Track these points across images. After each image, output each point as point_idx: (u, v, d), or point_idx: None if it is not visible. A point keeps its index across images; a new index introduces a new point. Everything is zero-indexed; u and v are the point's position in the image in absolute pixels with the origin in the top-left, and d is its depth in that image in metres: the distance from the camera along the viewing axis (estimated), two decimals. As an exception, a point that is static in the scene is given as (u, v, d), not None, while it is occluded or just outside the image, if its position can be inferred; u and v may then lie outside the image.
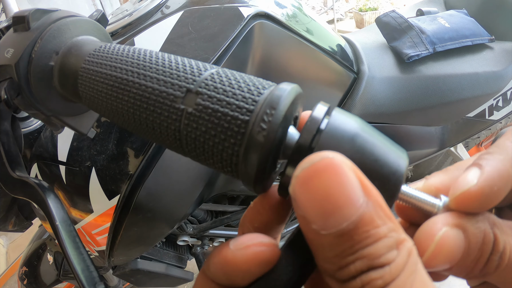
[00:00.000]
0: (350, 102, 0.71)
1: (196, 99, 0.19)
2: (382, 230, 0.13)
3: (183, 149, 0.20)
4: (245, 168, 0.18)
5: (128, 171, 0.45)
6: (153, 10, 0.58)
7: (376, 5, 4.04)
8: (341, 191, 0.13)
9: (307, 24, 0.63)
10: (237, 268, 0.16)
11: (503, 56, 0.91)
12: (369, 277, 0.13)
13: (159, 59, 0.23)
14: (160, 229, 0.59)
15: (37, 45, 0.30)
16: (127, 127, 0.24)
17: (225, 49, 0.47)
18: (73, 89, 0.28)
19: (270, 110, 0.17)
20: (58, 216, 0.31)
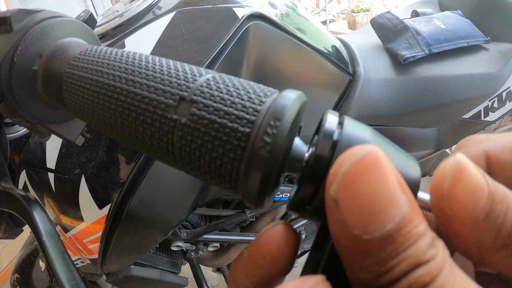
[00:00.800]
0: (346, 105, 0.70)
1: (190, 109, 0.17)
2: (421, 229, 0.13)
3: (177, 163, 0.18)
4: (246, 186, 0.16)
5: (119, 179, 0.43)
6: (145, 11, 0.56)
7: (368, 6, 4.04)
8: (387, 190, 0.12)
9: (301, 25, 0.61)
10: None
11: (499, 57, 0.90)
12: (416, 275, 0.12)
13: (149, 63, 0.21)
14: (153, 237, 0.57)
15: (20, 48, 0.28)
16: (115, 137, 0.22)
17: (219, 51, 0.45)
18: (58, 96, 0.26)
19: (274, 122, 0.15)
20: (44, 231, 0.29)
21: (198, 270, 0.97)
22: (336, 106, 0.70)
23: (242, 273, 0.17)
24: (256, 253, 0.16)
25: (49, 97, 0.28)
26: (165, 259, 0.95)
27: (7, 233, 0.77)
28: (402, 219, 0.12)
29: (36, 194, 0.55)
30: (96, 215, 0.46)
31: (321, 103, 0.68)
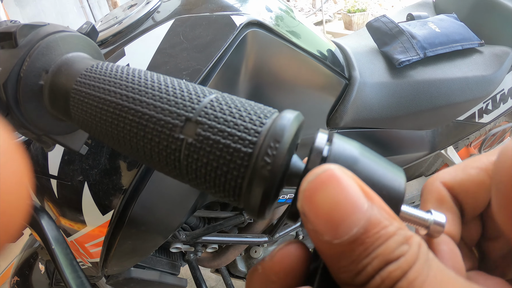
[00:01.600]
0: (342, 108, 0.71)
1: (196, 129, 0.18)
2: (391, 229, 0.14)
3: (183, 178, 0.20)
4: (248, 200, 0.17)
5: (122, 186, 0.44)
6: (144, 18, 0.57)
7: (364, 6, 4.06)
8: (346, 199, 0.14)
9: (297, 30, 0.62)
10: None
11: (493, 60, 0.92)
12: (387, 271, 0.13)
13: (155, 83, 0.22)
14: (154, 241, 0.58)
15: (26, 63, 0.29)
16: (122, 152, 0.23)
17: (218, 59, 0.46)
18: (64, 110, 0.27)
19: (274, 143, 0.17)
20: (53, 239, 0.30)
21: (197, 271, 0.98)
22: (333, 109, 0.72)
23: (257, 286, 0.18)
24: (270, 270, 0.17)
25: (56, 111, 0.29)
26: (164, 261, 0.96)
27: None
28: (367, 223, 0.14)
29: (37, 199, 0.56)
30: (99, 221, 0.47)
31: (318, 107, 0.69)
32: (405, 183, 0.17)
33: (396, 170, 0.17)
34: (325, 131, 0.18)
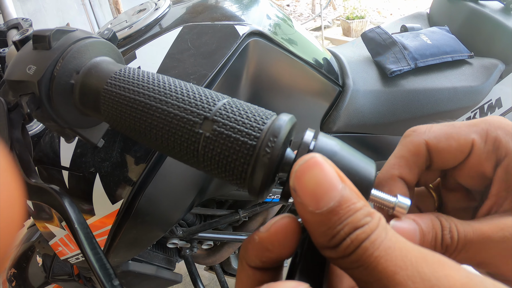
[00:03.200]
0: (335, 114, 0.76)
1: (212, 126, 0.24)
2: (358, 205, 0.18)
3: (199, 165, 0.25)
4: (251, 182, 0.22)
5: (132, 178, 0.49)
6: (152, 23, 0.62)
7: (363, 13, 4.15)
8: (326, 180, 0.18)
9: (295, 39, 0.68)
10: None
11: (481, 71, 0.98)
12: (355, 234, 0.18)
13: (177, 87, 0.27)
14: (155, 232, 0.63)
15: (59, 64, 0.33)
16: (146, 144, 0.28)
17: (222, 65, 0.51)
18: (94, 107, 0.32)
19: (272, 138, 0.22)
20: (76, 219, 0.35)
21: (193, 266, 1.03)
22: (326, 114, 0.77)
23: (253, 254, 0.21)
24: (266, 240, 0.21)
25: (84, 107, 0.34)
26: (160, 256, 1.00)
27: None
28: (341, 199, 0.18)
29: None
30: (108, 210, 0.52)
31: (312, 112, 0.74)
32: (375, 173, 0.23)
33: (368, 162, 0.23)
34: (312, 130, 0.23)
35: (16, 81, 0.35)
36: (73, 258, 0.77)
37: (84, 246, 0.34)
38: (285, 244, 0.21)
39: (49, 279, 1.13)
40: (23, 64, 0.35)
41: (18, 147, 0.42)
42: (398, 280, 0.16)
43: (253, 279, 0.21)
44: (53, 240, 0.73)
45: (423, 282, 0.15)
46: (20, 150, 0.42)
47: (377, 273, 0.16)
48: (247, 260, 0.22)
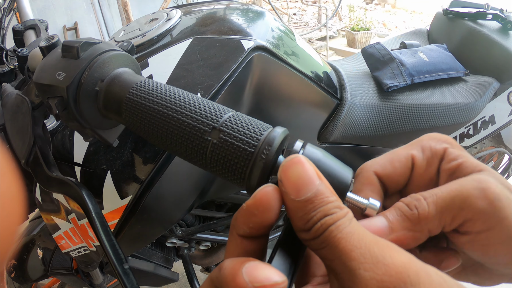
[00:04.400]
0: (332, 125, 0.82)
1: (219, 134, 0.29)
2: (330, 199, 0.23)
3: (206, 166, 0.30)
4: (249, 182, 0.28)
5: (140, 177, 0.55)
6: (164, 33, 0.67)
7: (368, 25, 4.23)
8: (306, 175, 0.23)
9: (297, 53, 0.74)
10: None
11: (476, 89, 1.03)
12: (325, 220, 0.22)
13: (190, 100, 0.33)
14: (158, 229, 0.68)
15: (86, 72, 0.39)
16: (161, 146, 0.34)
17: (228, 77, 0.57)
18: (116, 112, 0.38)
19: (267, 147, 0.27)
20: (93, 209, 0.40)
21: (190, 266, 1.08)
22: (324, 125, 0.83)
23: (241, 221, 0.25)
24: (252, 206, 0.24)
25: (107, 111, 0.39)
26: (159, 255, 1.05)
27: None
28: (317, 191, 0.23)
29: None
30: (116, 205, 0.57)
31: (310, 123, 0.80)
32: (351, 178, 0.28)
33: (346, 170, 0.28)
34: (302, 141, 0.28)
35: (46, 85, 0.40)
36: (75, 252, 0.82)
37: (100, 233, 0.39)
38: (269, 208, 0.24)
39: (48, 272, 1.17)
40: (52, 70, 0.40)
41: (39, 143, 0.48)
42: (352, 256, 0.20)
43: (241, 247, 0.25)
44: (58, 233, 0.78)
45: (371, 258, 0.20)
46: (41, 145, 0.48)
47: (338, 251, 0.21)
48: (236, 229, 0.25)
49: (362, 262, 0.20)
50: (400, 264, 0.20)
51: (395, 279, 0.19)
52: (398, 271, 0.19)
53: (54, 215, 0.73)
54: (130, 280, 0.37)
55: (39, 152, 0.47)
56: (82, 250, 0.80)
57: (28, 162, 0.46)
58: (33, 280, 1.22)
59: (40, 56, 0.53)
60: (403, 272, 0.19)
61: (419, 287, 0.19)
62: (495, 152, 1.41)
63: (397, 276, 0.19)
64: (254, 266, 0.21)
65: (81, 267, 1.15)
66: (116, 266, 0.37)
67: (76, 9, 3.00)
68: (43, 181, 0.46)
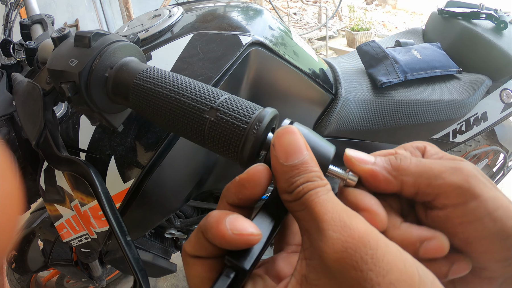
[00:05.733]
0: (327, 119, 0.86)
1: (216, 113, 0.34)
2: (314, 169, 0.26)
3: (204, 142, 0.35)
4: (241, 155, 0.32)
5: (143, 161, 0.59)
6: (166, 29, 0.72)
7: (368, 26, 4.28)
8: (296, 144, 0.26)
9: (293, 49, 0.78)
10: (230, 245, 0.24)
11: (468, 86, 1.08)
12: (306, 185, 0.25)
13: (191, 84, 0.37)
14: (157, 216, 0.73)
15: (97, 60, 0.43)
16: (165, 126, 0.38)
17: (226, 70, 0.61)
18: (123, 96, 0.42)
19: (258, 123, 0.32)
20: (99, 185, 0.44)
21: (187, 257, 1.11)
22: (318, 120, 0.87)
23: (232, 192, 0.28)
24: (244, 179, 0.28)
25: (115, 96, 0.44)
26: (158, 245, 1.10)
27: None
28: (303, 160, 0.26)
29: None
30: (119, 189, 0.61)
31: (305, 116, 0.84)
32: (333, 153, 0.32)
33: (329, 146, 0.32)
34: (289, 119, 0.33)
35: (60, 71, 0.44)
36: (76, 241, 0.86)
37: (105, 207, 0.43)
38: (258, 184, 0.28)
39: (48, 263, 1.20)
40: (65, 58, 0.45)
41: (49, 126, 0.52)
42: (325, 219, 0.23)
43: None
44: (60, 221, 0.82)
45: (340, 222, 0.22)
46: (51, 128, 0.52)
47: (314, 213, 0.24)
48: (226, 198, 0.28)
49: (332, 224, 0.23)
50: (363, 230, 0.22)
51: (357, 241, 0.21)
52: (361, 236, 0.22)
53: (57, 203, 0.77)
54: (131, 250, 0.41)
55: (49, 135, 0.51)
56: (83, 238, 0.84)
57: (38, 144, 0.51)
58: (33, 271, 1.26)
59: (50, 47, 0.58)
60: (364, 237, 0.22)
61: (377, 251, 0.21)
62: (490, 150, 1.45)
63: (359, 240, 0.22)
64: (236, 218, 0.25)
65: (81, 258, 1.19)
66: (119, 237, 0.41)
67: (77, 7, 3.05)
68: (52, 161, 0.50)
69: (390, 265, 0.21)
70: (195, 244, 0.26)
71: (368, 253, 0.21)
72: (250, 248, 0.25)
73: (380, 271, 0.21)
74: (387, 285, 0.21)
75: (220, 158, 0.73)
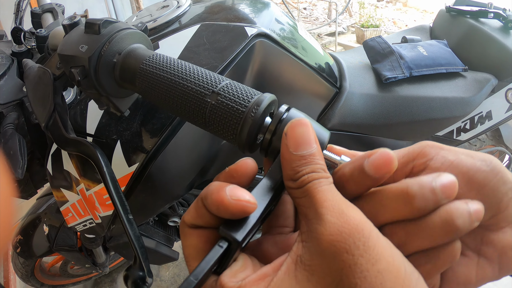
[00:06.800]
0: (330, 113, 0.88)
1: (217, 97, 0.36)
2: (320, 162, 0.27)
3: (205, 125, 0.37)
4: (240, 137, 0.34)
5: (147, 146, 0.62)
6: (174, 19, 0.74)
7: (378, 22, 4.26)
8: (307, 137, 0.28)
9: (298, 42, 0.80)
10: (227, 210, 0.26)
11: (474, 84, 1.09)
12: (311, 175, 0.26)
13: (194, 70, 0.39)
14: (160, 201, 0.75)
15: (106, 46, 0.46)
16: (169, 110, 0.40)
17: (231, 60, 0.63)
18: (130, 81, 0.44)
19: (256, 107, 0.34)
20: (104, 164, 0.47)
21: (189, 245, 1.14)
22: (322, 112, 0.89)
23: (221, 178, 0.30)
24: (233, 170, 0.30)
25: (122, 81, 0.46)
26: (161, 233, 1.12)
27: (23, 193, 0.92)
28: (311, 152, 0.28)
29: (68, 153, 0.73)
30: (124, 172, 0.64)
31: (309, 109, 0.86)
32: (328, 138, 0.34)
33: (324, 131, 0.34)
34: (287, 105, 0.34)
35: (70, 56, 0.47)
36: (80, 225, 0.88)
37: (110, 186, 0.45)
38: (245, 174, 0.30)
39: (52, 248, 1.23)
40: (75, 43, 0.47)
41: (59, 109, 0.54)
42: (324, 205, 0.25)
43: None
44: (65, 206, 0.84)
45: (338, 210, 0.24)
46: (60, 111, 0.54)
47: (314, 200, 0.26)
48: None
49: (330, 210, 0.24)
50: (359, 220, 0.24)
51: (352, 228, 0.23)
52: (356, 224, 0.23)
53: (63, 187, 0.79)
54: (133, 228, 0.43)
55: (58, 117, 0.53)
56: (88, 223, 0.87)
57: (47, 126, 0.53)
58: (38, 255, 1.29)
59: (61, 34, 0.60)
60: (359, 226, 0.23)
61: (369, 240, 0.23)
62: (495, 151, 1.46)
63: (354, 227, 0.23)
64: (236, 187, 0.27)
65: (85, 244, 1.22)
66: (122, 215, 0.43)
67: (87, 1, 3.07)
68: (61, 142, 0.52)
69: (380, 256, 0.22)
70: (193, 213, 0.28)
71: (361, 240, 0.23)
72: (244, 221, 0.27)
73: (370, 259, 0.22)
74: (375, 273, 0.22)
75: (223, 148, 0.75)
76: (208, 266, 0.25)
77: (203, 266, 0.25)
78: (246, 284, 0.25)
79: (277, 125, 0.33)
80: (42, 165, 0.86)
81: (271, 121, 0.33)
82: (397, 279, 0.22)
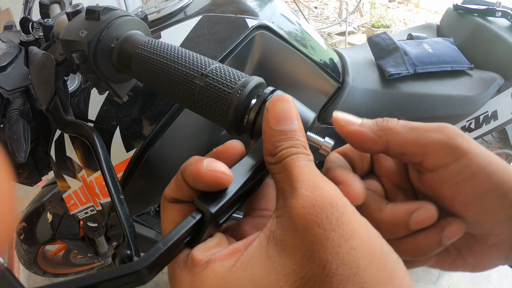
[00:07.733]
0: (332, 107, 0.89)
1: (205, 79, 0.37)
2: (300, 138, 0.27)
3: (194, 106, 0.38)
4: (226, 118, 0.35)
5: (145, 132, 0.63)
6: (177, 11, 0.76)
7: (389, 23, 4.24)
8: (289, 112, 0.28)
9: (300, 35, 0.81)
10: (202, 181, 0.26)
11: (479, 83, 1.08)
12: (290, 150, 0.27)
13: (186, 54, 0.41)
14: (158, 188, 0.76)
15: (104, 32, 0.47)
16: (161, 92, 0.42)
17: (230, 50, 0.64)
18: (127, 65, 0.46)
19: (241, 88, 0.35)
20: (100, 145, 0.48)
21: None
22: (324, 107, 0.89)
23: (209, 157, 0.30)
24: (220, 151, 0.30)
25: (119, 65, 0.47)
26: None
27: (28, 179, 0.95)
28: (292, 128, 0.29)
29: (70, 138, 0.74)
30: (122, 158, 0.65)
31: (311, 103, 0.87)
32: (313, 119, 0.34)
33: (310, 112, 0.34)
34: (273, 87, 0.35)
35: (70, 41, 0.48)
36: (82, 213, 0.90)
37: (103, 165, 0.47)
38: (231, 156, 0.30)
39: (55, 236, 1.26)
40: (76, 29, 0.49)
41: (60, 93, 0.56)
42: (299, 179, 0.25)
43: None
44: (68, 192, 0.86)
45: (313, 184, 0.24)
46: (61, 95, 0.56)
47: (291, 175, 0.26)
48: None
49: (305, 184, 0.24)
50: (333, 194, 0.24)
51: (325, 201, 0.23)
52: (330, 197, 0.23)
53: (66, 174, 0.81)
54: (123, 208, 0.43)
55: (58, 101, 0.55)
56: (89, 211, 0.89)
57: (48, 108, 0.55)
58: (41, 243, 1.31)
59: (65, 22, 0.62)
60: (333, 200, 0.23)
61: (343, 215, 0.22)
62: (502, 154, 1.44)
63: (327, 200, 0.23)
64: (213, 160, 0.27)
65: (87, 233, 1.24)
66: (113, 194, 0.44)
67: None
68: (60, 124, 0.54)
69: (354, 232, 0.22)
70: (173, 187, 0.29)
71: (334, 214, 0.22)
72: (219, 194, 0.27)
73: (343, 234, 0.22)
74: (348, 250, 0.21)
75: (223, 138, 0.76)
76: (178, 234, 0.25)
77: (173, 234, 0.24)
78: (216, 258, 0.25)
79: (261, 105, 0.34)
80: (46, 152, 0.88)
81: (256, 101, 0.34)
82: (373, 258, 0.22)
